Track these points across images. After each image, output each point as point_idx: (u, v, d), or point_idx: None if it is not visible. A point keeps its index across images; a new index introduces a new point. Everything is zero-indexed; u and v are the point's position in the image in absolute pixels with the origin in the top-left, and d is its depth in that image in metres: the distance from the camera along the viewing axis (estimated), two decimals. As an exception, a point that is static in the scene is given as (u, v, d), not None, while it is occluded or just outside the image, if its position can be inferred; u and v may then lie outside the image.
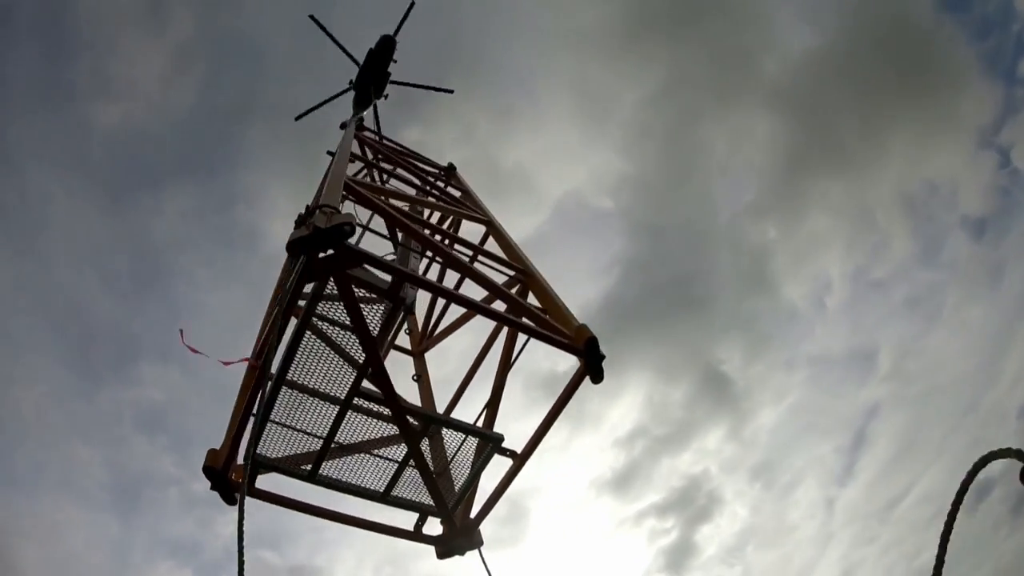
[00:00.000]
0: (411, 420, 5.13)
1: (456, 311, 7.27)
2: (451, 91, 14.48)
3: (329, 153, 13.28)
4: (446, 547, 5.32)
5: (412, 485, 5.37)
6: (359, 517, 5.25)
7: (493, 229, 7.27)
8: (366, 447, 5.18)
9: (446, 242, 6.83)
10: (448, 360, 7.97)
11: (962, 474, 2.32)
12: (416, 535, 5.40)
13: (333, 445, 5.00)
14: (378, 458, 5.20)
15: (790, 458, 37.54)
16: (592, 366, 4.67)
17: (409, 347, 7.91)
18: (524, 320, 5.01)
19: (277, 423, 4.87)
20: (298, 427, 4.93)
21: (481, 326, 6.61)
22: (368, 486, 5.22)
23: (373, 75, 12.30)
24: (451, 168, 9.94)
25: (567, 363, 5.12)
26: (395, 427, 5.09)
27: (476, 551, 5.28)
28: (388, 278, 5.07)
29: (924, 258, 38.03)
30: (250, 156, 35.71)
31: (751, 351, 38.35)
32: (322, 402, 4.92)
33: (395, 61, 12.52)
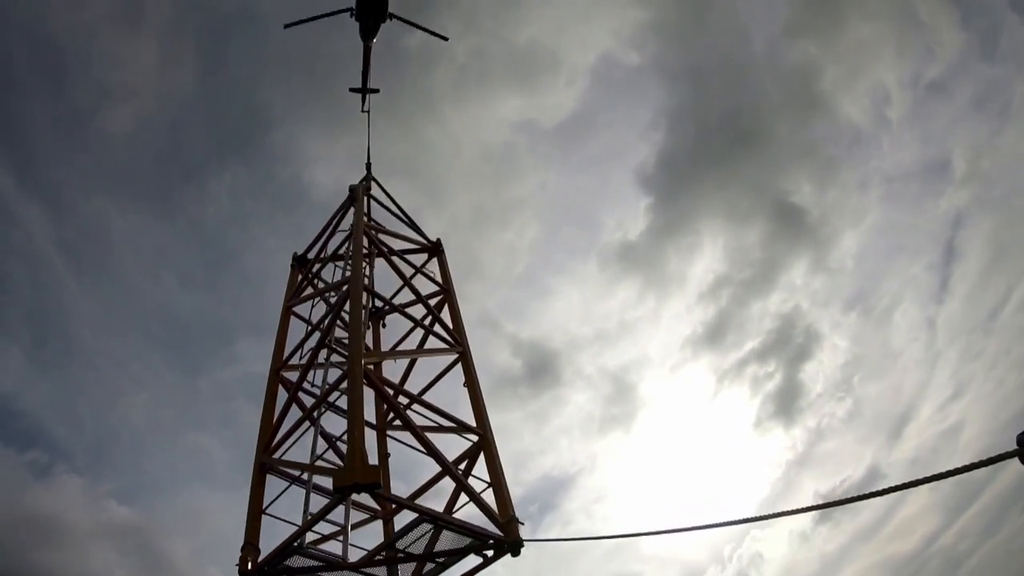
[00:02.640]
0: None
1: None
2: (446, 38, 15.43)
3: (352, 90, 14.35)
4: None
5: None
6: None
7: (465, 363, 9.40)
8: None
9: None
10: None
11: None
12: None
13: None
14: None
15: (883, 282, 37.64)
16: (511, 549, 7.06)
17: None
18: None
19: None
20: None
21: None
22: None
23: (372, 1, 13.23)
24: (438, 246, 11.66)
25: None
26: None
27: None
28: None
29: (982, 53, 36.44)
30: (271, 115, 34.42)
31: (819, 178, 36.72)
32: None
33: None
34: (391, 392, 8.32)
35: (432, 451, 7.56)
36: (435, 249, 11.53)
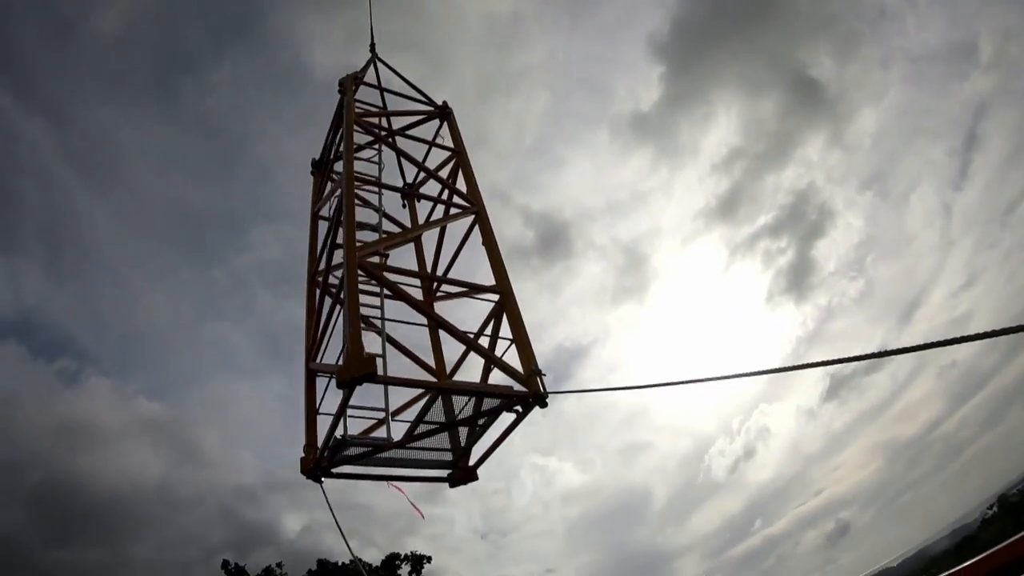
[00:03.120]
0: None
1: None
2: None
3: None
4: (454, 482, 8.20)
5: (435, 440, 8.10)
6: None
7: (481, 222, 8.94)
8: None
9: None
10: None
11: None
12: (439, 479, 8.29)
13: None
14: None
15: (901, 164, 38.53)
16: (538, 402, 6.92)
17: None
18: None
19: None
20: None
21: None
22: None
23: None
24: (445, 108, 10.93)
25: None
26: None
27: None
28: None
29: None
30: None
31: (839, 52, 36.04)
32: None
33: None
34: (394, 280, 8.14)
35: (442, 324, 7.41)
36: (443, 113, 10.86)
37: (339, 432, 6.97)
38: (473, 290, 8.30)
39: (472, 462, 8.21)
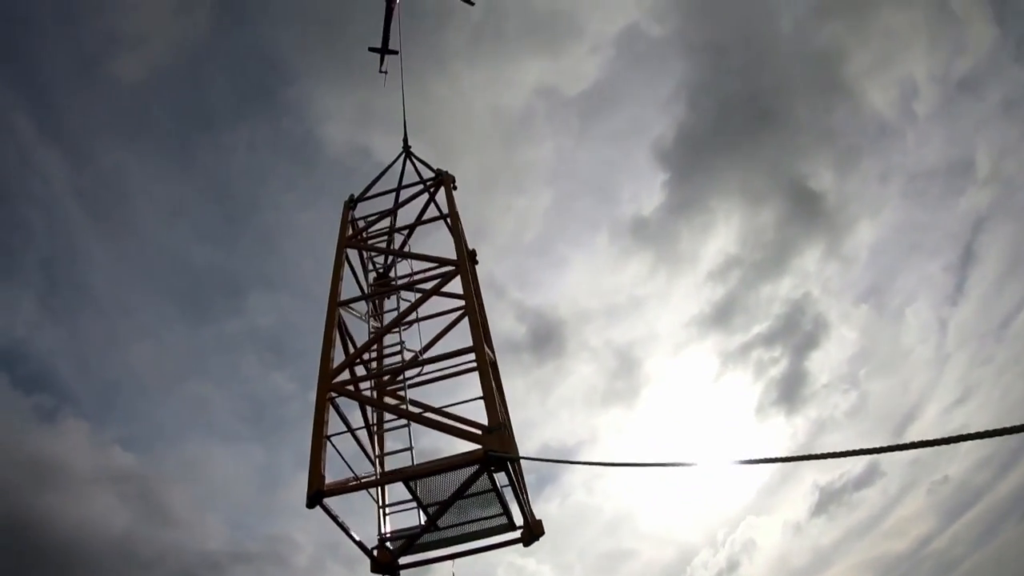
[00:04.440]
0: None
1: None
2: (472, 3, 14.51)
3: (371, 50, 14.61)
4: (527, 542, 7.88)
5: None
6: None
7: (462, 274, 8.72)
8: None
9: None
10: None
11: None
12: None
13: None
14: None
15: (897, 278, 37.31)
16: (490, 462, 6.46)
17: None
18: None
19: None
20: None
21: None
22: None
23: None
24: (440, 175, 10.94)
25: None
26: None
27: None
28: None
29: (1017, 53, 34.06)
30: (287, 68, 35.43)
31: (840, 165, 35.53)
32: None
33: None
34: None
35: (408, 416, 7.44)
36: (438, 181, 10.94)
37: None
38: (451, 355, 8.08)
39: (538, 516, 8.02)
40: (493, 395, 7.02)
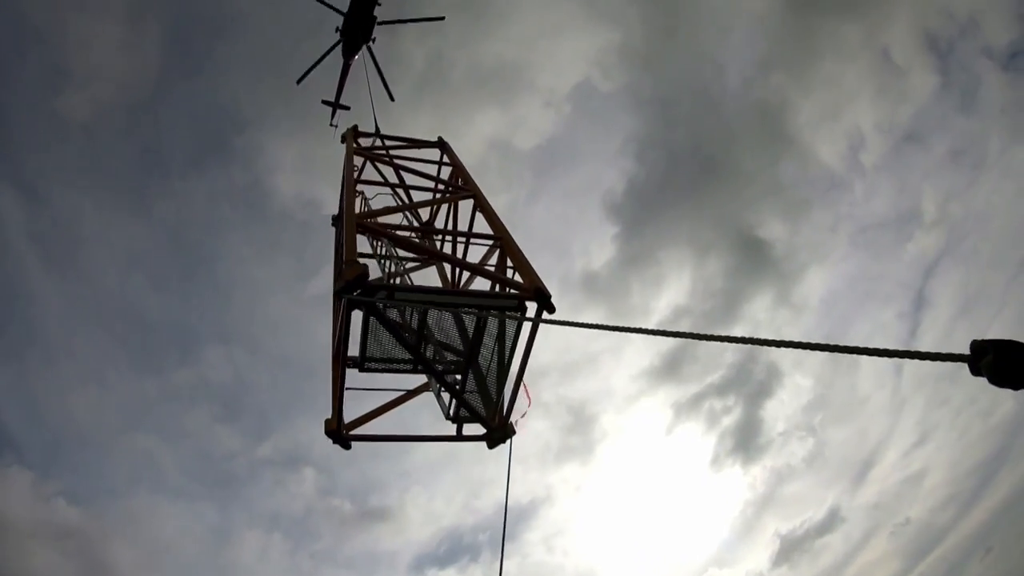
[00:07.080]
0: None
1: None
2: (442, 18, 15.29)
3: (324, 103, 14.57)
4: (492, 441, 7.77)
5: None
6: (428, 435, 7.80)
7: (479, 201, 9.29)
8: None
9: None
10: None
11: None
12: (475, 437, 7.88)
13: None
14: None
15: (851, 327, 38.27)
16: (543, 305, 6.76)
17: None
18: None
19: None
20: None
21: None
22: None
23: (359, 20, 13.02)
24: (441, 142, 11.78)
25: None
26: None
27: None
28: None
29: (961, 105, 36.37)
30: (237, 117, 34.76)
31: (788, 217, 37.01)
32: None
33: (379, 3, 12.95)
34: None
35: (444, 257, 7.63)
36: (441, 144, 11.72)
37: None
38: (473, 237, 8.49)
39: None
40: (528, 264, 7.39)
